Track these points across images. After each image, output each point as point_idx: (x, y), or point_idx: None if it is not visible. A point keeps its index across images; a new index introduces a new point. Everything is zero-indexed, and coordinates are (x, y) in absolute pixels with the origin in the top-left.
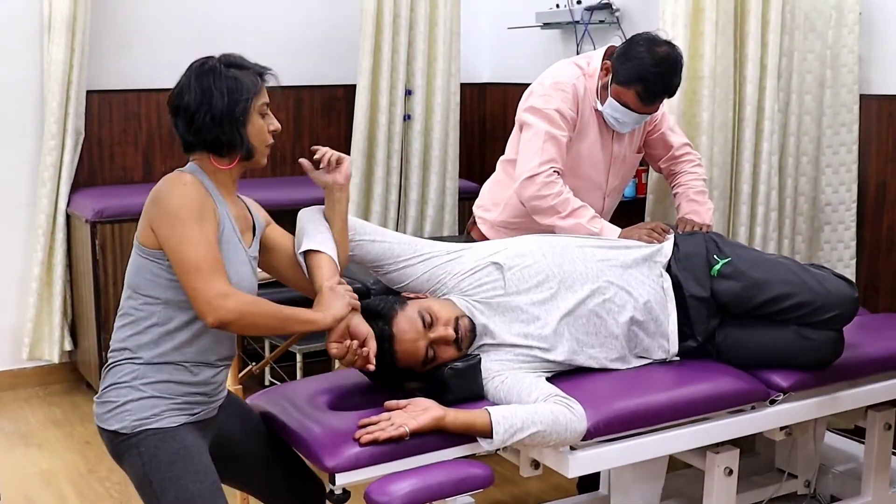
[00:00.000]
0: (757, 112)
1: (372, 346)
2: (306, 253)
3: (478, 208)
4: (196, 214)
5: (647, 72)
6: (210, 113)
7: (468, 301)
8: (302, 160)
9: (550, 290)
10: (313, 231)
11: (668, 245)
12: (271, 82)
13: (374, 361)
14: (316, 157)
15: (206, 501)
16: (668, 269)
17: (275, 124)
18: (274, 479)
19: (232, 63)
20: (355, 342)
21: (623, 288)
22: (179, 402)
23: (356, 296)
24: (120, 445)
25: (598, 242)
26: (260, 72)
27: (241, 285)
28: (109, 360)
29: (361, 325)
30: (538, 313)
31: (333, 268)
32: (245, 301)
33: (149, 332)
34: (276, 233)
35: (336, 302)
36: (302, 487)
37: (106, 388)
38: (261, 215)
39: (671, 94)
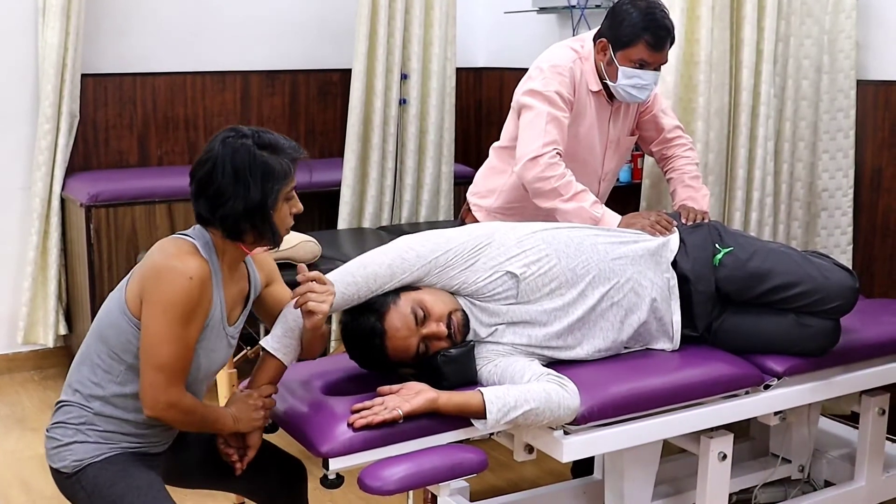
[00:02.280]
0: (753, 97)
1: (250, 456)
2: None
3: (472, 195)
4: (187, 316)
5: (644, 21)
6: (244, 204)
7: (474, 302)
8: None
9: (563, 299)
10: (281, 331)
11: (674, 240)
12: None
13: (244, 467)
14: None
15: None
16: (675, 263)
17: (298, 206)
18: (256, 475)
19: (265, 145)
20: (234, 454)
21: (633, 290)
22: (124, 445)
23: (268, 418)
24: (65, 483)
25: (611, 238)
26: (293, 157)
27: (209, 369)
28: (63, 398)
29: (255, 438)
30: (547, 320)
31: (275, 374)
32: (185, 412)
33: (105, 387)
34: (277, 293)
35: (250, 420)
36: (285, 473)
37: (53, 425)
38: (262, 277)
39: (672, 34)
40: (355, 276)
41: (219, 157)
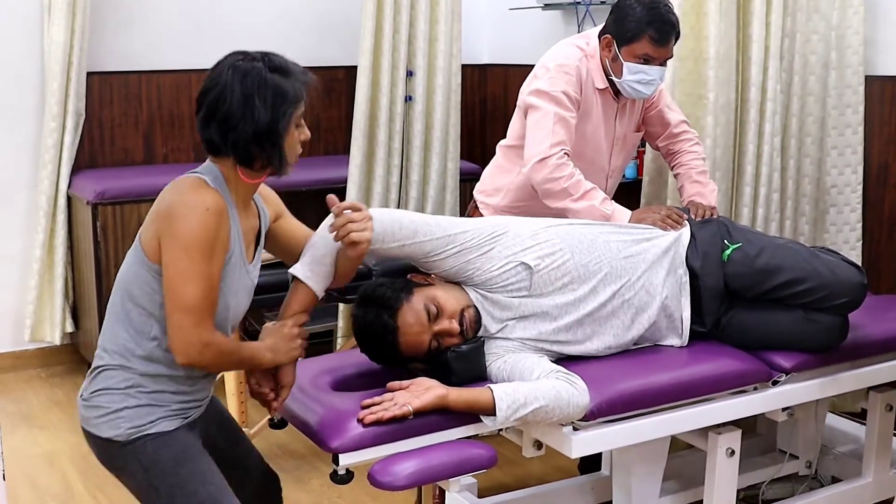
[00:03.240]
0: (760, 93)
1: (283, 396)
2: (293, 276)
3: (479, 193)
4: (208, 250)
5: (648, 16)
6: (253, 127)
7: (486, 295)
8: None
9: (574, 294)
10: (310, 258)
11: (685, 234)
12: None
13: (279, 409)
14: (334, 210)
15: (216, 502)
16: (685, 258)
17: (306, 134)
18: (245, 476)
19: (276, 67)
20: (270, 393)
21: (645, 288)
22: (174, 408)
23: (306, 344)
24: (114, 453)
25: (623, 236)
26: (304, 80)
27: (236, 310)
28: (100, 363)
29: (288, 374)
30: (558, 314)
31: (307, 302)
32: (218, 352)
33: (142, 345)
34: (287, 226)
35: (287, 351)
36: (266, 483)
37: (95, 391)
38: (270, 211)
39: (677, 29)
40: (383, 218)
41: (228, 81)
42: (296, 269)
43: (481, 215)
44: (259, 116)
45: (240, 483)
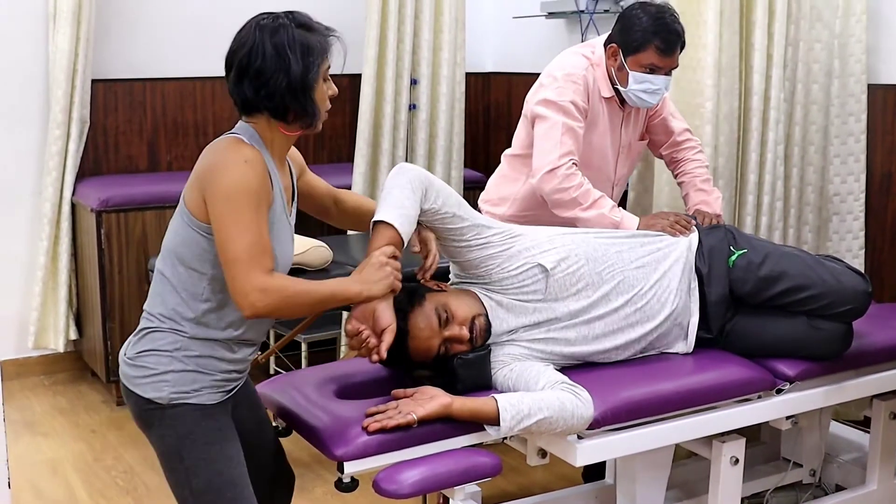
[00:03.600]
0: (763, 101)
1: (387, 340)
2: (376, 222)
3: (484, 202)
4: (254, 199)
5: (654, 25)
6: (287, 79)
7: (500, 298)
8: None
9: (588, 300)
10: (394, 201)
11: (694, 241)
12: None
13: (383, 356)
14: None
15: (237, 489)
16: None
17: (334, 88)
18: (262, 465)
19: (301, 23)
20: (369, 332)
21: (657, 296)
22: (218, 378)
23: (401, 276)
24: (151, 413)
25: (634, 245)
26: (327, 35)
27: (284, 262)
28: (149, 325)
29: (386, 314)
30: (570, 320)
31: (393, 238)
32: (283, 294)
33: (195, 307)
34: (310, 180)
35: (378, 280)
36: (284, 479)
37: (142, 352)
38: (296, 167)
39: (683, 39)
40: (462, 209)
41: (257, 39)
42: (379, 215)
43: None
44: (292, 68)
45: (256, 471)
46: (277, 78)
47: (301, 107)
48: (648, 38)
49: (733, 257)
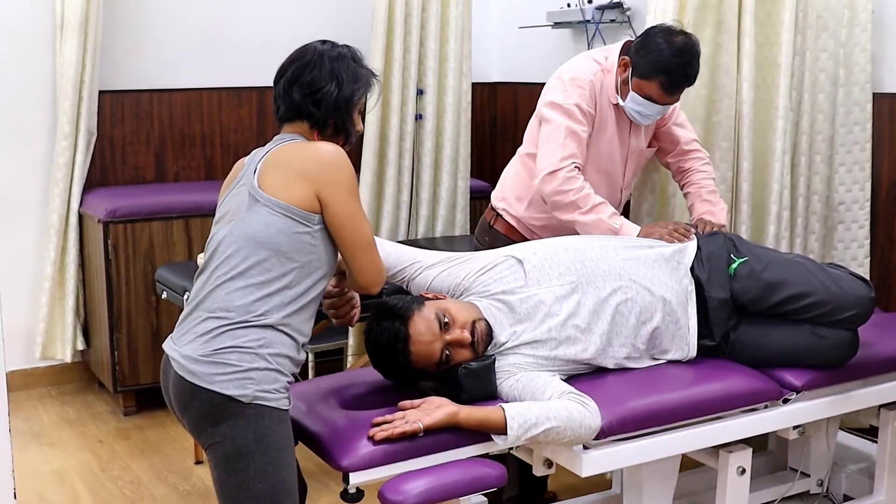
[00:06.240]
0: (770, 111)
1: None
2: None
3: (500, 200)
4: (357, 189)
5: (668, 62)
6: (337, 92)
7: (489, 302)
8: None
9: (572, 284)
10: None
11: (691, 246)
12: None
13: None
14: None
15: (292, 498)
16: (691, 269)
17: (361, 126)
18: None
19: (356, 58)
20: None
21: (646, 287)
22: (289, 381)
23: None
24: (230, 410)
25: (621, 242)
26: (374, 75)
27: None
28: (224, 323)
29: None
30: (561, 308)
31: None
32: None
33: (278, 295)
34: None
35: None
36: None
37: (221, 349)
38: None
39: (692, 81)
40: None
41: (317, 55)
42: None
43: (505, 223)
44: (344, 86)
45: None
46: (329, 89)
47: (342, 121)
48: (657, 72)
49: (735, 265)
